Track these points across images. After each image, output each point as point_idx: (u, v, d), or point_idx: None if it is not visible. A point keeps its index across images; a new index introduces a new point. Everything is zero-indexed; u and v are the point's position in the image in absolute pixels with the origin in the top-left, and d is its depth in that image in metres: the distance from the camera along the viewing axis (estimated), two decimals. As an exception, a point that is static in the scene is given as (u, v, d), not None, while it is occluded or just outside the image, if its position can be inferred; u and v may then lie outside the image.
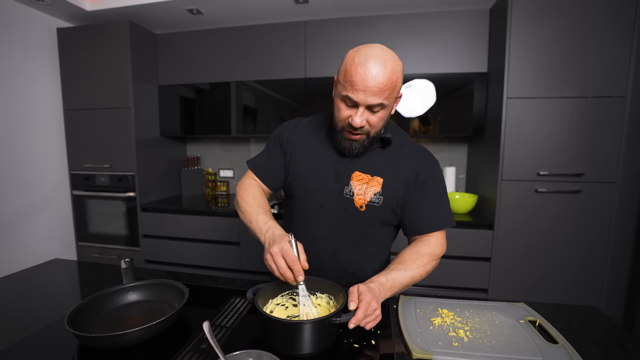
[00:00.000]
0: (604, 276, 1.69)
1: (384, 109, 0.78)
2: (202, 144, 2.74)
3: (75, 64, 2.16)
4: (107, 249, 2.29)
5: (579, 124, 1.65)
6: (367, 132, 0.81)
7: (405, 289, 0.85)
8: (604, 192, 1.65)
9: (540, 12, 1.62)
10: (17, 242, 2.01)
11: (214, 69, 2.27)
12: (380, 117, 0.79)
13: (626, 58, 1.57)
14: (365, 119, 0.78)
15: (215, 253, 2.13)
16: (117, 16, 2.14)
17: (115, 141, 2.16)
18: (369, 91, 0.74)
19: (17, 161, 2.00)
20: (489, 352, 0.65)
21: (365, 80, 0.73)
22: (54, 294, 0.94)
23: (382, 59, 0.73)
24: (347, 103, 0.79)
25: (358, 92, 0.74)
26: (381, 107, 0.77)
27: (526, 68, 1.66)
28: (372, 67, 0.73)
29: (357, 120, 0.77)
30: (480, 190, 2.04)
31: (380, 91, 0.74)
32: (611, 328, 0.78)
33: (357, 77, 0.73)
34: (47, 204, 2.19)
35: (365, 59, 0.73)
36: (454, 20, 1.93)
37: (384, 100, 0.75)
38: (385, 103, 0.76)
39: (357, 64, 0.74)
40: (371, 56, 0.73)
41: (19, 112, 2.00)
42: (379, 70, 0.73)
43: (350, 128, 0.80)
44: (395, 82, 0.75)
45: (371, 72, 0.72)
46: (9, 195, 1.96)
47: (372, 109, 0.77)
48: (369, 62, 0.73)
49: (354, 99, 0.75)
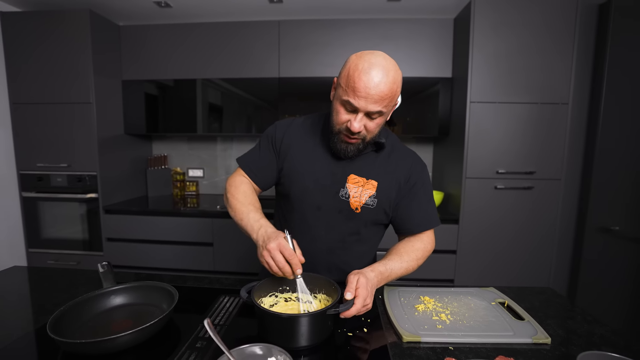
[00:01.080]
0: (551, 260, 1.91)
1: (381, 116, 0.81)
2: (169, 143, 2.63)
3: (24, 53, 1.96)
4: (65, 255, 2.11)
5: (531, 127, 1.83)
6: (364, 137, 0.84)
7: (397, 279, 0.89)
8: (551, 187, 1.86)
9: (500, 23, 1.78)
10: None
11: (183, 65, 2.19)
12: (377, 124, 0.82)
13: (568, 69, 1.78)
14: (363, 124, 0.80)
15: (187, 255, 2.06)
16: (75, 3, 1.99)
17: (74, 138, 2.00)
18: (370, 99, 0.75)
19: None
20: (468, 331, 0.72)
21: (368, 87, 0.74)
22: (21, 304, 0.87)
23: (385, 68, 0.75)
24: (346, 107, 0.80)
25: (359, 99, 0.76)
26: (379, 114, 0.79)
27: (487, 74, 1.81)
28: (375, 76, 0.74)
29: (355, 126, 0.79)
30: (445, 187, 2.18)
31: (381, 99, 0.76)
32: (564, 304, 0.90)
33: (359, 84, 0.74)
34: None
35: (369, 66, 0.74)
36: (421, 26, 2.04)
37: (384, 108, 0.78)
38: (384, 111, 0.78)
39: (360, 70, 0.75)
40: (375, 64, 0.74)
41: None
42: (381, 79, 0.74)
43: (348, 132, 0.82)
44: (395, 91, 0.77)
45: (374, 80, 0.74)
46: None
47: (371, 115, 0.79)
48: (372, 70, 0.74)
49: (355, 104, 0.77)
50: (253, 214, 0.85)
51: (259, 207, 0.91)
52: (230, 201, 0.92)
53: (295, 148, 0.95)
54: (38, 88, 1.99)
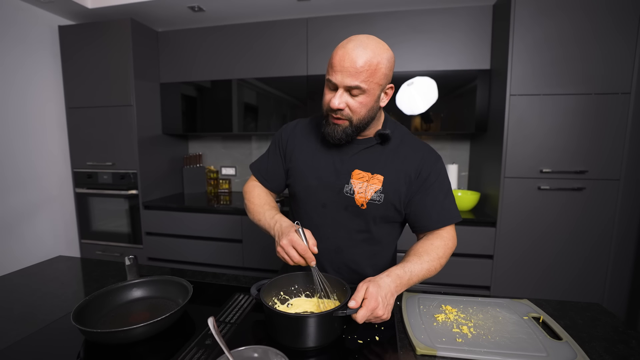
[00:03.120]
0: (606, 273, 1.69)
1: (364, 94, 0.78)
2: (203, 142, 2.74)
3: (77, 61, 2.16)
4: (110, 247, 2.30)
5: (581, 121, 1.64)
6: (349, 117, 0.81)
7: (420, 282, 0.83)
8: (607, 189, 1.65)
9: (543, 10, 1.61)
10: (20, 241, 2.02)
11: (215, 66, 2.27)
12: (360, 102, 0.79)
13: (630, 55, 1.56)
14: (345, 101, 0.79)
15: (217, 250, 2.13)
16: (119, 14, 2.14)
17: (117, 139, 2.17)
18: (346, 72, 0.74)
19: (18, 160, 2.00)
20: (492, 348, 0.65)
21: (343, 60, 0.74)
22: (58, 291, 0.95)
23: (364, 42, 0.75)
24: (329, 87, 0.80)
25: (336, 74, 0.76)
26: (360, 90, 0.77)
27: (529, 65, 1.65)
28: (351, 49, 0.74)
29: (335, 102, 0.78)
30: (482, 187, 2.03)
31: (357, 72, 0.74)
32: (615, 324, 0.78)
33: (335, 59, 0.75)
34: (50, 202, 2.20)
35: (347, 42, 0.76)
36: (455, 16, 1.92)
37: (362, 82, 0.75)
38: (362, 86, 0.76)
39: (339, 47, 0.76)
40: (353, 39, 0.76)
41: (19, 111, 2.00)
42: (358, 52, 0.73)
43: (332, 111, 0.81)
44: (376, 66, 0.75)
45: (349, 53, 0.74)
46: (11, 194, 1.97)
47: (351, 92, 0.77)
48: (349, 44, 0.75)
49: (332, 80, 0.77)
50: (269, 212, 0.88)
51: (275, 205, 0.93)
52: (248, 206, 0.96)
53: (299, 148, 0.95)
54: (87, 93, 2.18)
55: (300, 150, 0.95)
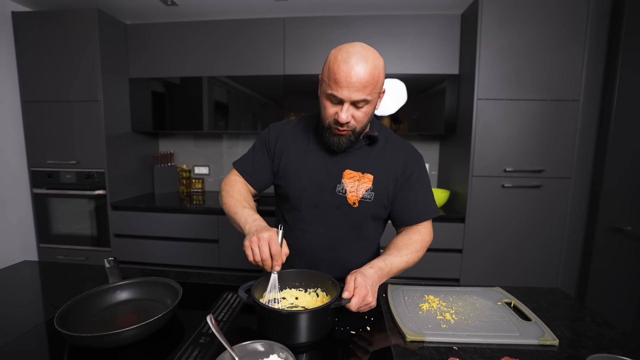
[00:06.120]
0: (560, 260, 1.88)
1: (368, 104, 0.81)
2: (175, 140, 2.65)
3: (35, 52, 2.00)
4: (74, 250, 2.15)
5: (539, 125, 1.80)
6: (353, 127, 0.84)
7: (399, 273, 0.89)
8: (561, 186, 1.82)
9: (507, 20, 1.74)
10: (-32, 246, 1.84)
11: (188, 63, 2.20)
12: (365, 112, 0.82)
13: (579, 65, 1.74)
14: (351, 114, 0.81)
15: (192, 251, 2.08)
16: (83, 2, 2.00)
17: (82, 136, 2.03)
18: (352, 87, 0.76)
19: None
20: (473, 331, 0.71)
21: (349, 77, 0.75)
22: (30, 297, 0.89)
23: (364, 55, 0.76)
24: (332, 101, 0.81)
25: (342, 89, 0.77)
26: (365, 102, 0.80)
27: (494, 71, 1.78)
28: (355, 64, 0.75)
29: (343, 117, 0.80)
30: (451, 185, 2.16)
31: (363, 87, 0.77)
32: (572, 305, 0.89)
33: (340, 75, 0.76)
34: (3, 203, 2.01)
35: (348, 56, 0.76)
36: (427, 23, 2.02)
37: (367, 95, 0.78)
38: (368, 98, 0.79)
39: (339, 61, 0.76)
40: (353, 53, 0.76)
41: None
42: (362, 67, 0.75)
43: (337, 124, 0.83)
44: (378, 77, 0.78)
45: (354, 69, 0.75)
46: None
47: (357, 104, 0.80)
48: (351, 59, 0.75)
49: (339, 96, 0.78)
50: (248, 210, 0.87)
51: (254, 206, 0.92)
52: (225, 198, 0.94)
53: (289, 149, 0.96)
54: (48, 86, 2.02)
55: (291, 151, 0.96)
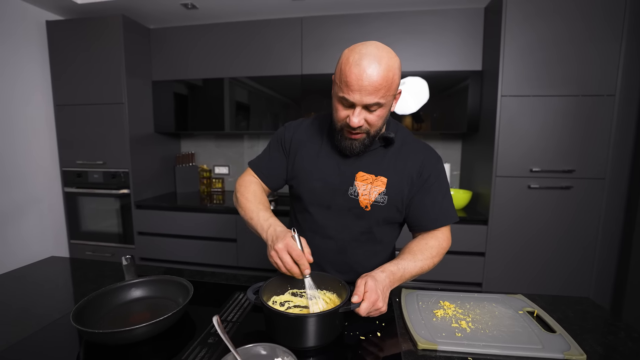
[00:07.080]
0: (592, 267, 1.75)
1: (381, 107, 0.77)
2: (196, 141, 2.72)
3: (66, 58, 2.11)
4: (101, 247, 2.25)
5: (570, 122, 1.69)
6: (367, 130, 0.81)
7: (413, 279, 0.85)
8: (594, 187, 1.70)
9: (534, 12, 1.65)
10: (6, 242, 1.96)
11: (209, 64, 2.25)
12: (378, 116, 0.78)
13: (616, 58, 1.62)
14: (364, 118, 0.77)
15: (211, 250, 2.12)
16: (109, 10, 2.10)
17: (108, 137, 2.13)
18: (364, 91, 0.72)
19: (3, 159, 1.94)
20: (490, 341, 0.67)
21: (360, 79, 0.71)
22: (53, 292, 0.93)
23: (377, 56, 0.71)
24: (344, 104, 0.77)
25: (354, 93, 0.73)
26: (378, 106, 0.76)
27: (520, 66, 1.69)
28: (367, 66, 0.71)
29: (354, 121, 0.76)
30: (474, 186, 2.07)
31: (376, 90, 0.72)
32: (604, 317, 0.81)
33: (351, 77, 0.72)
34: (37, 202, 2.14)
35: (360, 57, 0.71)
36: (448, 18, 1.95)
37: (381, 99, 0.74)
38: (382, 102, 0.75)
39: (351, 63, 0.72)
40: (365, 54, 0.71)
41: (4, 108, 1.94)
42: (374, 69, 0.71)
43: (349, 128, 0.80)
44: (392, 79, 0.73)
45: (366, 72, 0.71)
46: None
47: (370, 108, 0.76)
48: (363, 61, 0.71)
49: (350, 99, 0.74)
50: (263, 213, 0.85)
51: (269, 207, 0.91)
52: (240, 200, 0.93)
53: (303, 148, 0.94)
54: (77, 90, 2.13)
55: (305, 151, 0.94)
